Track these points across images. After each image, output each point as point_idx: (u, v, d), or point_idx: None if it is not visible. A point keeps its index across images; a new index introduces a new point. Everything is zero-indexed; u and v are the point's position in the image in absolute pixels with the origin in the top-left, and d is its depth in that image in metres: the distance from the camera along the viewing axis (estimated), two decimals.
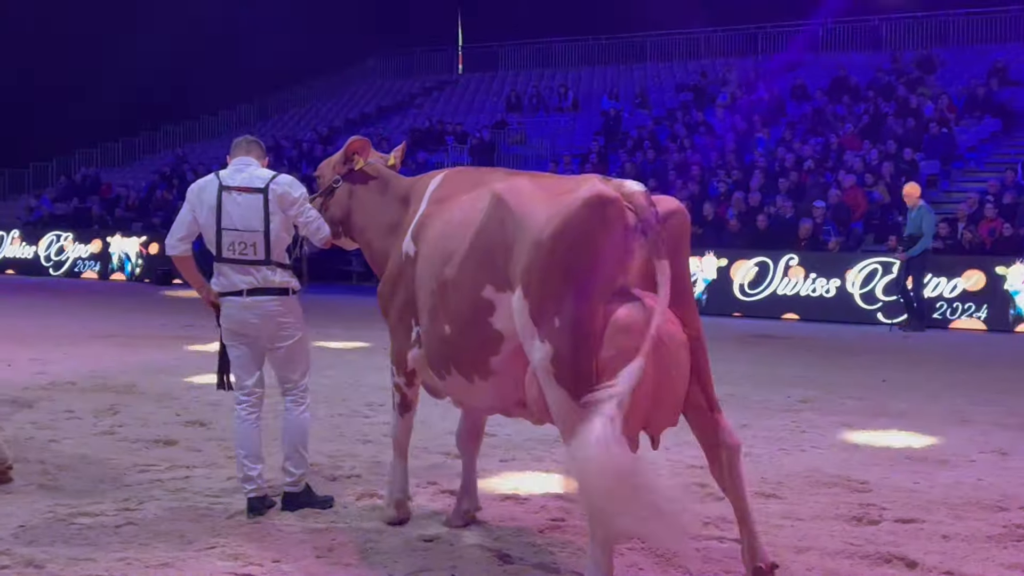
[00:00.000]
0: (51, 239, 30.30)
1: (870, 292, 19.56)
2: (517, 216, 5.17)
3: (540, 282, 4.97)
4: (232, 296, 6.52)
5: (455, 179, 6.19)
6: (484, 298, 5.32)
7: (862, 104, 27.96)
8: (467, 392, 5.69)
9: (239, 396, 6.67)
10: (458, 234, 5.55)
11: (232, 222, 6.48)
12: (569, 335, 4.87)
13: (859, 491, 7.23)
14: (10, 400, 10.06)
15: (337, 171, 6.73)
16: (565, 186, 5.22)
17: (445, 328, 5.58)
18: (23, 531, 6.05)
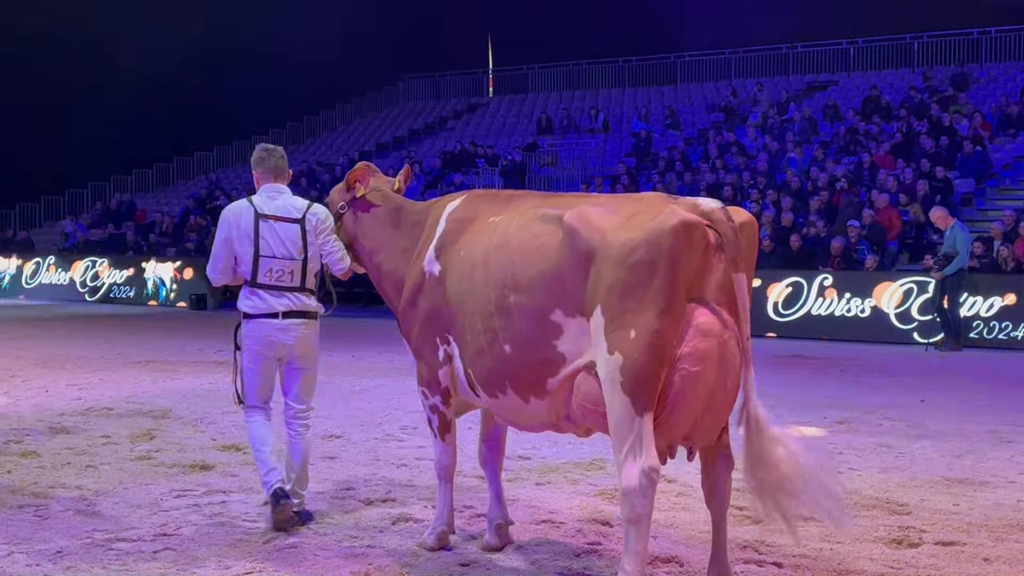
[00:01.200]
0: (87, 265, 30.51)
1: (905, 311, 19.42)
2: (592, 241, 5.27)
3: (621, 299, 5.12)
4: (267, 318, 6.68)
5: (476, 202, 6.29)
6: (552, 322, 5.43)
7: (895, 123, 27.83)
8: (521, 410, 5.78)
9: (256, 410, 6.88)
10: (519, 260, 5.60)
11: (270, 250, 6.67)
12: (643, 347, 5.04)
13: (898, 513, 7.17)
14: (48, 426, 10.13)
15: (343, 198, 6.89)
16: (634, 208, 5.34)
17: (505, 348, 5.64)
18: (60, 556, 6.07)
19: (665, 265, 5.08)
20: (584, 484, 7.87)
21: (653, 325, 5.04)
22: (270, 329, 6.70)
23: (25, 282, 31.49)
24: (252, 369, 6.82)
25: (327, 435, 9.88)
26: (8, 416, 10.63)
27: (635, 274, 5.10)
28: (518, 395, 5.68)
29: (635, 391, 5.05)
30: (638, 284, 5.09)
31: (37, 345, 17.62)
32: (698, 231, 5.15)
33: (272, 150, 7.01)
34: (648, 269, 5.09)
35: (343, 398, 12.14)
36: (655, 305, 5.06)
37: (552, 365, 5.46)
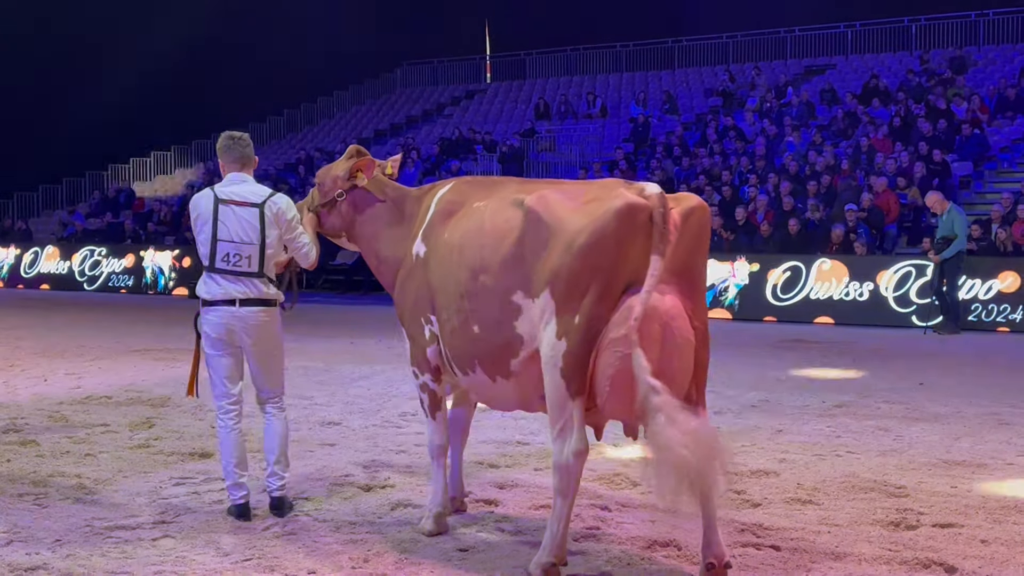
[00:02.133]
0: (85, 254, 30.50)
1: (904, 295, 19.42)
2: (548, 224, 5.51)
3: (567, 283, 5.36)
4: (224, 305, 6.67)
5: (464, 188, 6.48)
6: (513, 303, 5.67)
7: (893, 106, 27.78)
8: (489, 389, 6.04)
9: (224, 405, 6.81)
10: (489, 243, 5.83)
11: (228, 234, 6.67)
12: (583, 332, 5.31)
13: (896, 496, 7.18)
14: (47, 415, 10.13)
15: (340, 185, 6.90)
16: (592, 194, 5.55)
17: (474, 328, 5.88)
18: (60, 544, 6.08)
19: (609, 248, 5.32)
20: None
21: (592, 310, 5.31)
22: (227, 317, 6.68)
23: (24, 271, 31.49)
24: (214, 355, 6.80)
25: (326, 422, 9.89)
26: (7, 405, 10.64)
27: (583, 259, 5.33)
28: (486, 374, 5.93)
29: (570, 375, 5.35)
30: (585, 268, 5.33)
31: (36, 334, 17.62)
32: (642, 214, 5.34)
33: (238, 139, 6.99)
34: (594, 253, 5.32)
35: (342, 385, 12.15)
36: (596, 289, 5.31)
37: (514, 346, 5.70)
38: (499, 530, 6.44)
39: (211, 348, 6.78)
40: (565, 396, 5.38)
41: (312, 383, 12.24)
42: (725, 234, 22.47)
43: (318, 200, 7.00)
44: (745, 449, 8.68)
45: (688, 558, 5.82)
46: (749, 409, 10.60)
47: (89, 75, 41.79)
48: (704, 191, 24.84)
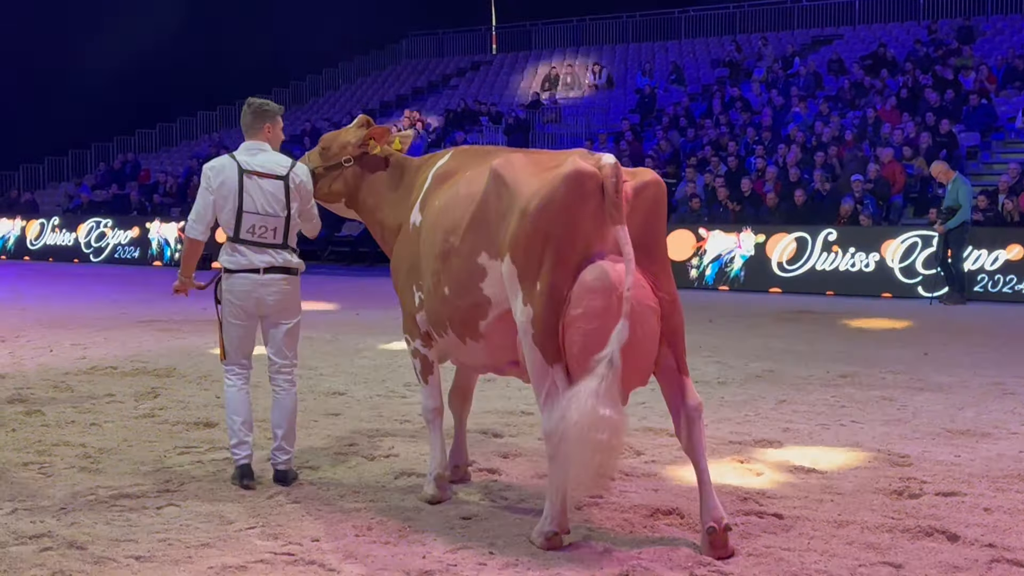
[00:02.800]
0: (91, 226, 30.52)
1: (910, 266, 19.38)
2: (510, 188, 5.61)
3: (525, 249, 5.44)
4: (248, 273, 6.70)
5: (460, 157, 6.59)
6: (479, 264, 5.80)
7: (900, 77, 27.65)
8: (460, 351, 6.18)
9: (234, 370, 6.88)
10: (461, 205, 5.97)
11: (254, 206, 6.68)
12: (546, 298, 5.35)
13: (900, 465, 7.18)
14: (52, 385, 10.16)
15: (349, 152, 6.93)
16: (554, 161, 5.64)
17: (445, 290, 6.02)
18: (65, 513, 6.10)
19: (557, 214, 5.36)
20: None
21: (550, 279, 5.35)
22: (251, 284, 6.70)
23: (30, 243, 31.53)
24: (232, 324, 6.82)
25: (331, 392, 9.91)
26: (13, 375, 10.67)
27: (534, 224, 5.40)
28: (456, 336, 6.07)
29: (543, 342, 5.39)
30: (537, 234, 5.39)
31: (41, 305, 17.65)
32: (591, 182, 5.37)
33: (247, 104, 6.95)
34: (544, 218, 5.38)
35: (347, 356, 12.17)
36: (551, 257, 5.35)
37: (481, 307, 5.82)
38: (502, 499, 6.45)
39: (230, 315, 6.80)
40: (543, 363, 5.41)
41: (317, 354, 12.25)
42: (731, 205, 22.42)
43: (318, 163, 7.00)
44: (748, 419, 8.68)
45: (691, 526, 5.82)
46: (753, 379, 10.60)
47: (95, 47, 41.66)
48: (710, 162, 24.78)
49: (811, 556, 5.34)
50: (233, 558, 5.34)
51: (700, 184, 23.65)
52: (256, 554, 5.41)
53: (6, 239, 32.05)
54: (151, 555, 5.40)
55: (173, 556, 5.38)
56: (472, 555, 5.39)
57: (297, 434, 7.10)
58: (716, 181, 23.46)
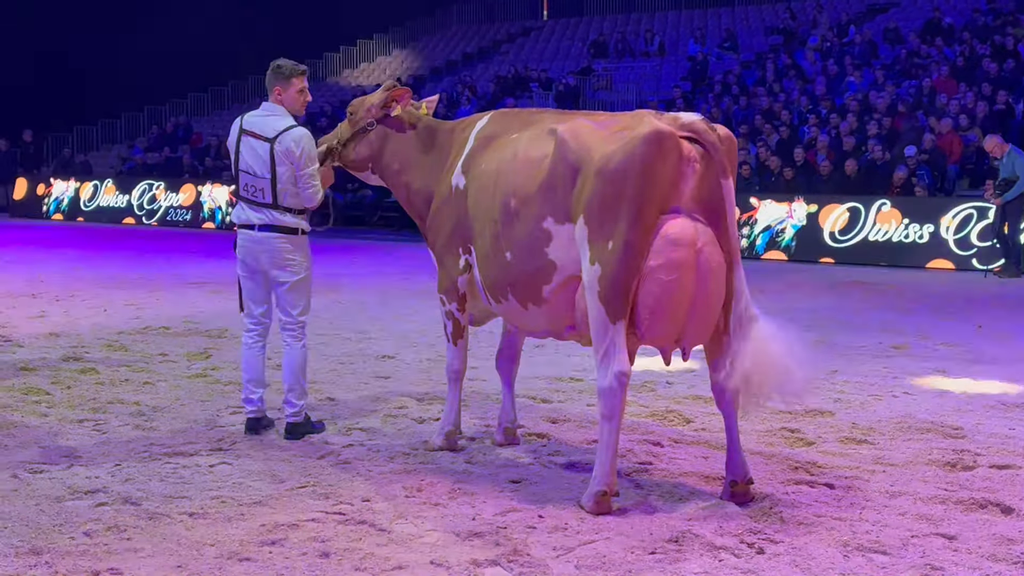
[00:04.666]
0: (143, 188, 30.74)
1: (965, 237, 19.13)
2: (579, 153, 5.63)
3: (600, 210, 5.48)
4: (246, 229, 6.95)
5: (502, 120, 6.60)
6: (544, 228, 5.80)
7: (957, 46, 27.21)
8: (521, 316, 6.17)
9: (248, 323, 7.09)
10: (522, 171, 5.97)
11: (247, 166, 6.92)
12: (618, 257, 5.41)
13: (953, 437, 7.11)
14: (106, 343, 10.28)
15: (373, 115, 6.99)
16: (622, 122, 5.69)
17: (507, 256, 6.01)
18: (119, 470, 6.18)
19: (637, 175, 5.42)
20: (635, 406, 7.87)
21: (626, 236, 5.40)
22: (248, 240, 6.95)
23: (83, 205, 31.82)
24: (241, 276, 7.08)
25: (380, 355, 9.97)
26: (68, 334, 10.80)
27: (612, 185, 5.45)
28: (518, 301, 6.07)
29: (609, 300, 5.45)
30: (615, 195, 5.44)
31: (95, 266, 17.85)
32: (670, 141, 5.46)
33: (275, 67, 7.05)
34: (622, 179, 5.44)
35: (396, 320, 12.22)
36: (628, 215, 5.41)
37: (545, 272, 5.84)
38: (551, 463, 6.46)
39: (240, 269, 7.07)
40: (605, 321, 5.47)
41: (367, 317, 12.32)
42: (786, 172, 22.15)
43: (347, 132, 7.06)
44: None
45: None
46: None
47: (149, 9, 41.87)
48: (763, 130, 24.53)
49: (863, 526, 5.31)
50: (285, 516, 5.39)
51: (753, 152, 23.44)
52: (308, 513, 5.45)
53: (60, 200, 32.37)
54: (204, 512, 5.46)
55: (226, 513, 5.44)
56: (521, 518, 5.41)
57: (346, 396, 7.18)
58: (767, 151, 23.23)
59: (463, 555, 4.88)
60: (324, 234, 8.27)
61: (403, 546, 5.01)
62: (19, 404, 7.77)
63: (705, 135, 5.53)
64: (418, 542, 5.06)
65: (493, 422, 7.16)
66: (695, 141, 5.53)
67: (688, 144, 5.51)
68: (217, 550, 4.93)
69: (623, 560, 4.85)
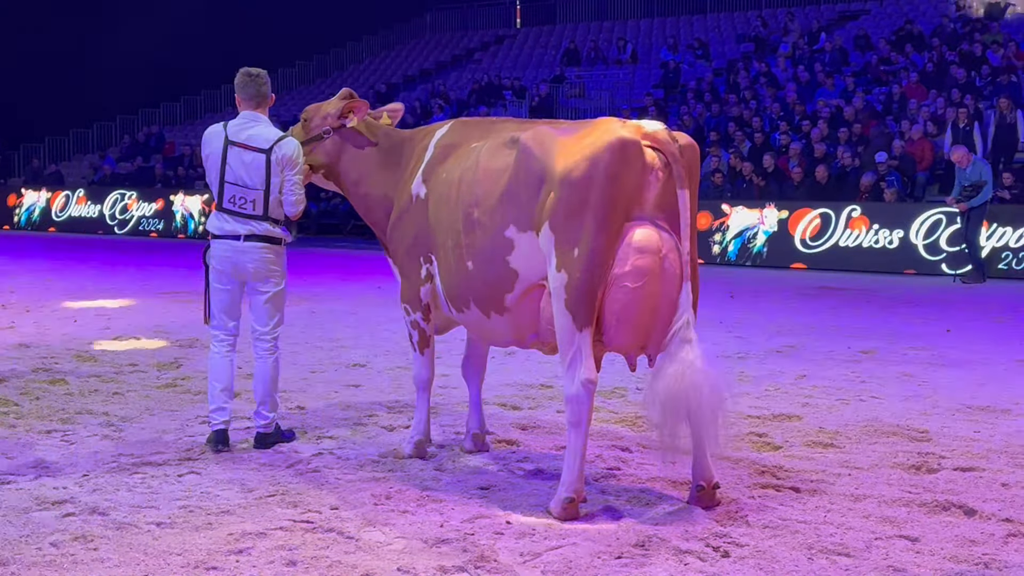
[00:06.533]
0: (115, 198, 30.63)
1: (934, 243, 19.28)
2: (543, 160, 5.64)
3: (565, 217, 5.49)
4: (230, 239, 6.84)
5: (462, 129, 6.61)
6: (506, 237, 5.81)
7: (927, 52, 27.42)
8: (484, 326, 6.18)
9: (219, 335, 7.00)
10: (484, 179, 5.97)
11: (235, 177, 6.80)
12: (584, 264, 5.44)
13: (918, 440, 7.17)
14: (75, 354, 10.25)
15: (329, 123, 6.97)
16: (586, 130, 5.69)
17: (468, 265, 6.02)
18: (87, 480, 6.17)
19: (602, 182, 5.44)
20: (604, 412, 7.91)
21: (592, 243, 5.43)
22: (230, 250, 6.85)
23: (55, 215, 31.68)
24: (216, 288, 6.97)
25: (351, 364, 9.98)
26: (38, 345, 10.77)
27: (577, 192, 5.47)
28: (480, 311, 6.07)
29: (576, 307, 5.47)
30: (580, 202, 5.46)
31: (66, 277, 17.78)
32: (633, 149, 5.50)
33: (255, 76, 7.01)
34: (587, 186, 5.45)
35: (368, 328, 12.22)
36: (594, 223, 5.43)
37: (507, 281, 5.85)
38: (520, 469, 6.49)
39: (215, 280, 6.96)
40: (572, 328, 5.50)
41: (339, 325, 12.32)
42: (757, 179, 22.27)
43: (300, 136, 7.04)
44: (768, 393, 8.69)
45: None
46: (773, 354, 10.59)
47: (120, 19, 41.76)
48: (734, 137, 24.66)
49: (827, 529, 5.36)
50: (253, 525, 5.39)
51: (726, 159, 23.55)
52: (276, 521, 5.46)
53: (31, 210, 32.21)
54: (172, 521, 5.46)
55: (194, 522, 5.44)
56: (489, 524, 5.43)
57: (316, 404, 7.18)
58: (739, 157, 23.34)
59: (430, 561, 4.90)
60: (298, 243, 8.29)
61: (370, 553, 5.02)
62: None
63: (666, 145, 5.56)
64: (386, 549, 5.08)
65: (462, 429, 7.18)
66: (657, 149, 5.57)
67: (652, 152, 5.55)
68: (184, 559, 4.93)
69: (589, 565, 4.88)
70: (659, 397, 5.47)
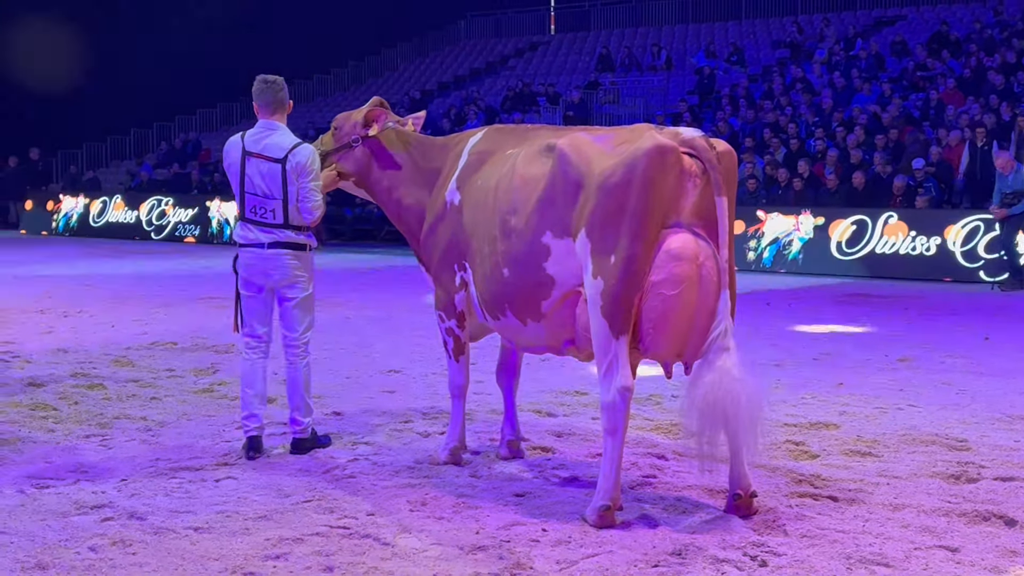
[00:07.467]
0: (152, 204, 30.82)
1: (972, 250, 19.11)
2: (581, 167, 5.65)
3: (603, 224, 5.50)
4: (254, 247, 6.90)
5: (496, 136, 6.62)
6: (543, 243, 5.80)
7: (963, 58, 27.23)
8: (520, 332, 6.17)
9: (250, 342, 7.05)
10: (520, 187, 5.97)
11: (254, 188, 6.86)
12: (620, 271, 5.43)
13: (957, 449, 7.11)
14: (113, 359, 10.32)
15: (357, 132, 6.98)
16: (623, 136, 5.70)
17: (504, 272, 6.01)
18: (125, 484, 6.21)
19: (640, 188, 5.44)
20: (640, 419, 7.88)
21: (628, 250, 5.42)
22: (256, 258, 6.91)
23: (92, 221, 31.92)
24: (245, 295, 7.04)
25: (387, 370, 9.99)
26: (76, 350, 10.85)
27: (615, 199, 5.47)
28: (516, 317, 6.07)
29: (612, 314, 5.47)
30: (617, 209, 5.46)
31: (103, 282, 17.90)
32: (671, 156, 5.48)
33: (270, 83, 7.02)
34: (625, 193, 5.45)
35: (403, 335, 12.24)
36: (631, 229, 5.43)
37: (544, 288, 5.84)
38: (556, 477, 6.48)
39: (243, 288, 7.04)
40: (608, 335, 5.49)
41: (374, 331, 12.36)
42: (796, 183, 22.09)
43: (330, 145, 7.07)
44: (805, 401, 8.64)
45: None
46: (810, 362, 10.53)
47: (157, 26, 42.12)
48: (770, 144, 24.56)
49: (865, 539, 5.32)
50: (290, 531, 5.41)
51: (760, 165, 23.45)
52: (312, 527, 5.47)
53: (69, 216, 32.47)
54: (209, 526, 5.49)
55: (231, 527, 5.47)
56: (525, 531, 5.42)
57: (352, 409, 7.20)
58: (774, 164, 23.23)
59: (466, 568, 4.90)
60: (332, 249, 8.32)
61: (407, 560, 5.03)
62: (26, 419, 7.81)
63: (704, 152, 5.55)
64: (422, 556, 5.08)
65: (497, 436, 7.18)
66: (695, 156, 5.55)
67: (689, 159, 5.54)
68: (221, 564, 4.95)
69: (626, 573, 4.86)
70: (697, 405, 5.46)
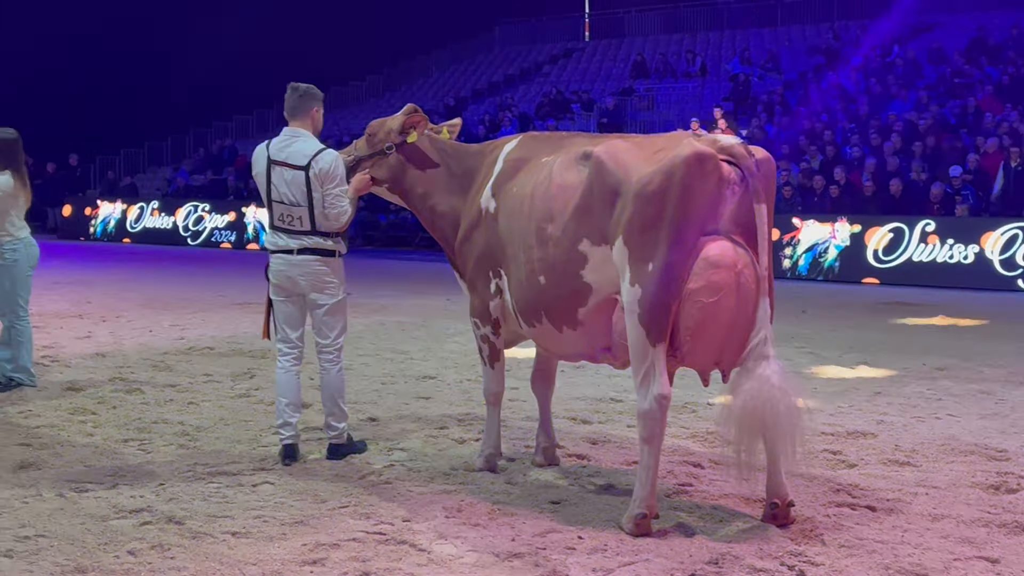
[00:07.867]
0: (188, 210, 31.05)
1: (1010, 258, 18.95)
2: (618, 174, 5.64)
3: (641, 231, 5.48)
4: (284, 254, 6.92)
5: (531, 143, 6.63)
6: (579, 251, 5.80)
7: (1001, 65, 27.01)
8: (556, 340, 6.16)
9: (283, 348, 7.07)
10: (557, 194, 5.97)
11: (280, 196, 6.88)
12: (658, 279, 5.41)
13: (997, 459, 7.05)
14: (151, 364, 10.39)
15: (392, 139, 6.97)
16: (660, 144, 5.69)
17: (540, 279, 6.02)
18: (163, 489, 6.25)
19: (678, 196, 5.42)
20: (676, 427, 7.86)
21: (666, 257, 5.40)
22: (285, 264, 6.94)
23: (129, 226, 32.15)
24: (277, 301, 7.07)
25: (422, 376, 10.01)
26: (114, 355, 10.93)
27: (653, 206, 5.45)
28: (552, 325, 6.06)
29: (650, 322, 5.44)
30: (655, 216, 5.44)
31: (141, 287, 18.02)
32: (710, 163, 5.46)
33: (292, 89, 7.04)
34: (663, 200, 5.43)
35: (437, 340, 12.26)
36: (669, 237, 5.41)
37: (580, 295, 5.83)
38: (591, 484, 6.47)
39: (274, 294, 7.07)
40: (645, 343, 5.47)
41: (408, 338, 12.38)
42: (833, 189, 21.95)
43: (364, 151, 7.07)
44: (842, 410, 8.58)
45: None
46: (847, 370, 10.46)
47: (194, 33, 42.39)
48: (807, 151, 24.44)
49: (904, 549, 5.28)
50: (326, 536, 5.43)
51: (795, 172, 23.34)
52: (348, 532, 5.49)
53: (107, 222, 32.72)
54: (246, 531, 5.51)
55: (268, 532, 5.49)
56: (561, 539, 5.42)
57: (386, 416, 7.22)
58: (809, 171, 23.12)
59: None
60: (367, 254, 8.35)
61: (443, 567, 5.04)
62: (65, 423, 7.88)
63: (743, 160, 5.54)
64: (458, 563, 5.09)
65: (532, 443, 7.17)
66: (734, 164, 5.54)
67: (728, 166, 5.53)
68: (259, 569, 4.98)
69: None
70: (735, 413, 5.44)
